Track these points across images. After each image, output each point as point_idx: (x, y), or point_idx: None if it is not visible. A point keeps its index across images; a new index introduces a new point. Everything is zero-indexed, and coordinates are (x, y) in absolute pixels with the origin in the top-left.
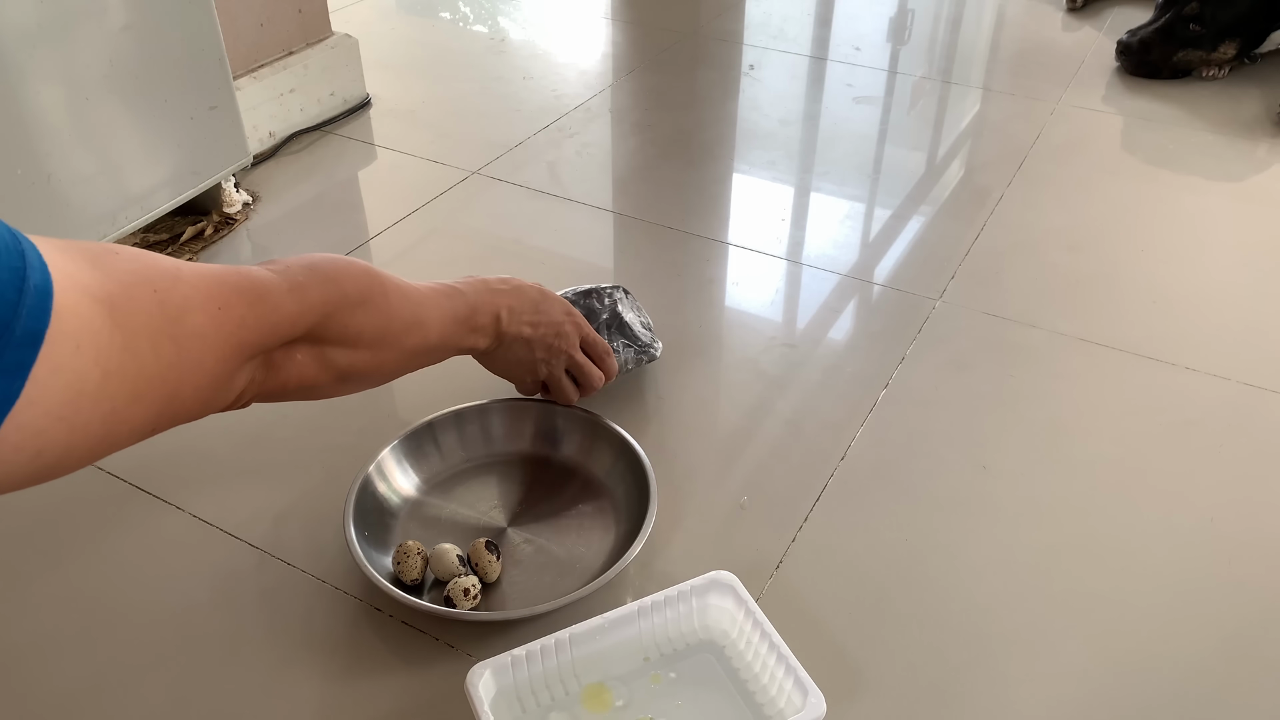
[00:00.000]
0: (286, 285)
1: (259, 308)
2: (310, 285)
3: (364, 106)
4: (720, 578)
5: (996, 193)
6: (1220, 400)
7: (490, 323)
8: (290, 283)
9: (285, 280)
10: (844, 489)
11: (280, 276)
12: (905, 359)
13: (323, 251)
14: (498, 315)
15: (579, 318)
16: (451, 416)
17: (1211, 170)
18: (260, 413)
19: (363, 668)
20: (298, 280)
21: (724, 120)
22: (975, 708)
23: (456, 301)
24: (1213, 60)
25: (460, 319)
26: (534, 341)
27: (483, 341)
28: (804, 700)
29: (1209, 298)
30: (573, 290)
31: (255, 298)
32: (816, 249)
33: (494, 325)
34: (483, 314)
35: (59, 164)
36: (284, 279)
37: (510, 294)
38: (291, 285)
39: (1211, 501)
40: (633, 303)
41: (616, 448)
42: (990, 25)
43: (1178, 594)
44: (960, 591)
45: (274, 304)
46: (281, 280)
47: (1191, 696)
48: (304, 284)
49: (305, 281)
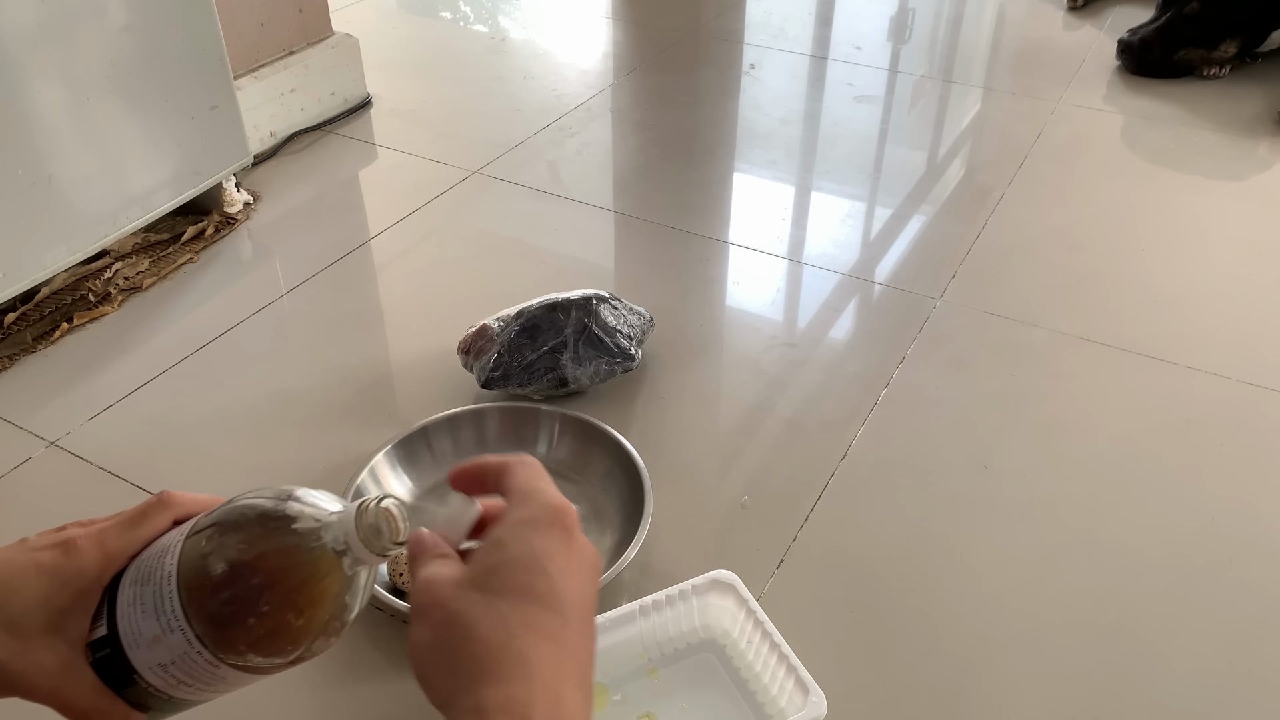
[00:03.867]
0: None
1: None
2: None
3: (365, 106)
4: (721, 577)
5: (997, 192)
6: (1221, 399)
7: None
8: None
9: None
10: (845, 488)
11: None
12: (906, 358)
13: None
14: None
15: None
16: (445, 421)
17: (1212, 169)
18: (261, 413)
19: (363, 667)
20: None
21: (725, 119)
22: (975, 708)
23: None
24: (1213, 59)
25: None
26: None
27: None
28: (805, 699)
29: (1209, 297)
30: (538, 304)
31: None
32: (817, 248)
33: None
34: None
35: (60, 164)
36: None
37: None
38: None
39: (1212, 501)
40: (614, 307)
41: (611, 451)
42: (991, 24)
43: (1178, 594)
44: (960, 591)
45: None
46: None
47: (1191, 696)
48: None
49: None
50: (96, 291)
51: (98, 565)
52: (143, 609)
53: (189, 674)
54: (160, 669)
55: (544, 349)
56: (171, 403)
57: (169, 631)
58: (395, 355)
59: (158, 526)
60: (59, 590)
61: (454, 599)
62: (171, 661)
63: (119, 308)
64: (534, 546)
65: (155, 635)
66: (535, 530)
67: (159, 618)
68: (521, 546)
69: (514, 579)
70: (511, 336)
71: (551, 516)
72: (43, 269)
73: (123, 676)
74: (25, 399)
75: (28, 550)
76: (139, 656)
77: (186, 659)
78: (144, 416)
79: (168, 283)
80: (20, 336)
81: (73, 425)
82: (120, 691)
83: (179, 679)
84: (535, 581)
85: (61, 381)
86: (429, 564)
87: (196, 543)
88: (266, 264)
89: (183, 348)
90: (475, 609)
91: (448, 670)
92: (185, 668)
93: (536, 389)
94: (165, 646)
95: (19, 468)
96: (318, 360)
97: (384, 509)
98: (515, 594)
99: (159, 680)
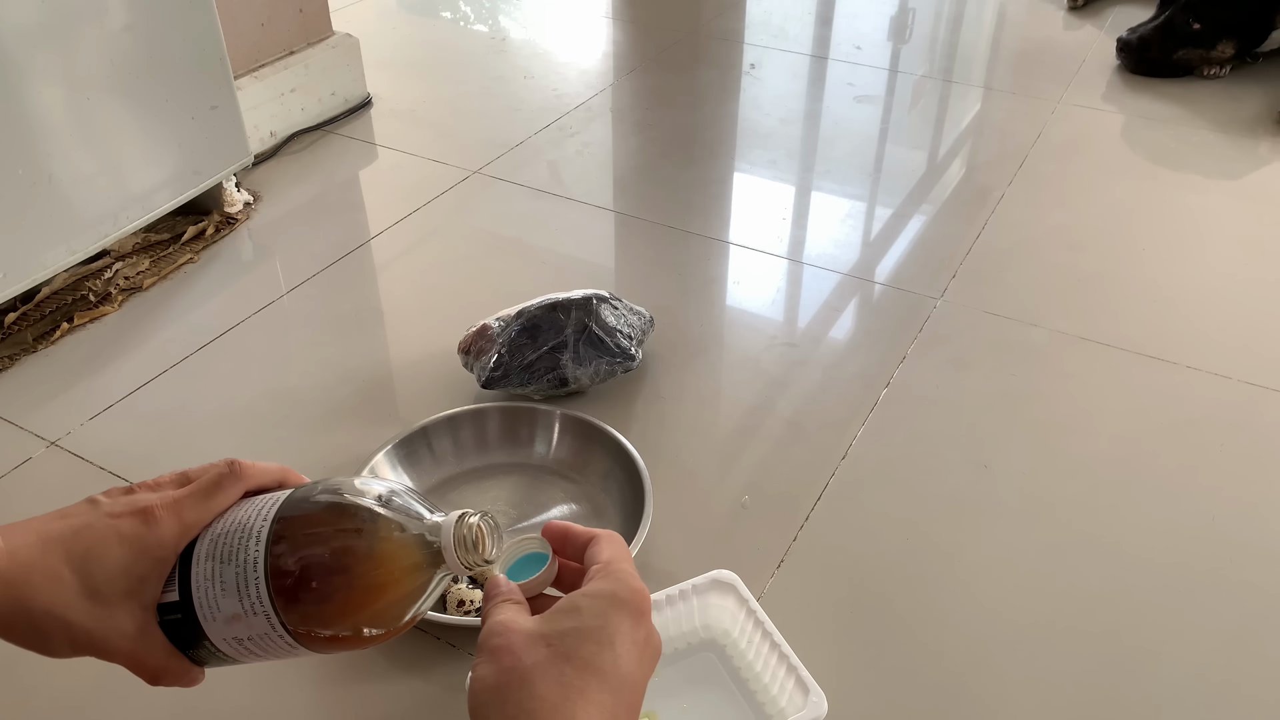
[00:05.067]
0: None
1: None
2: None
3: (365, 106)
4: (721, 577)
5: (997, 192)
6: (1221, 399)
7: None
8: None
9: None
10: (845, 488)
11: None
12: (906, 358)
13: (323, 251)
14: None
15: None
16: (445, 421)
17: (1212, 169)
18: (261, 413)
19: (363, 667)
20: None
21: (725, 119)
22: (975, 707)
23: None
24: (1213, 58)
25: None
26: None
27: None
28: (805, 699)
29: (1209, 297)
30: (538, 304)
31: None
32: (817, 248)
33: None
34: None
35: (60, 164)
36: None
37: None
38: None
39: (1212, 501)
40: (615, 307)
41: (611, 451)
42: (991, 24)
43: (1178, 594)
44: (960, 591)
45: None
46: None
47: (1191, 696)
48: None
49: None
50: (97, 291)
51: (175, 535)
52: (223, 587)
53: (262, 648)
54: (235, 641)
55: (544, 349)
56: (171, 403)
57: (251, 614)
58: (395, 355)
59: (231, 497)
60: (139, 558)
61: (524, 650)
62: (249, 638)
63: (119, 308)
64: (608, 622)
65: (235, 614)
66: (612, 606)
67: (242, 600)
68: (596, 620)
69: (583, 648)
70: (512, 336)
71: (629, 597)
72: (43, 269)
73: (192, 639)
74: (25, 399)
75: (104, 516)
76: (214, 628)
77: (266, 639)
78: (144, 416)
79: (168, 283)
80: (20, 336)
81: (73, 425)
82: (186, 650)
83: (251, 650)
84: (601, 654)
85: (61, 381)
86: (505, 608)
87: (290, 532)
88: (266, 264)
89: (183, 348)
90: (540, 665)
91: (501, 712)
92: (261, 644)
93: (537, 389)
94: (245, 625)
95: (19, 468)
96: (318, 360)
97: (481, 525)
98: (580, 662)
99: (229, 649)
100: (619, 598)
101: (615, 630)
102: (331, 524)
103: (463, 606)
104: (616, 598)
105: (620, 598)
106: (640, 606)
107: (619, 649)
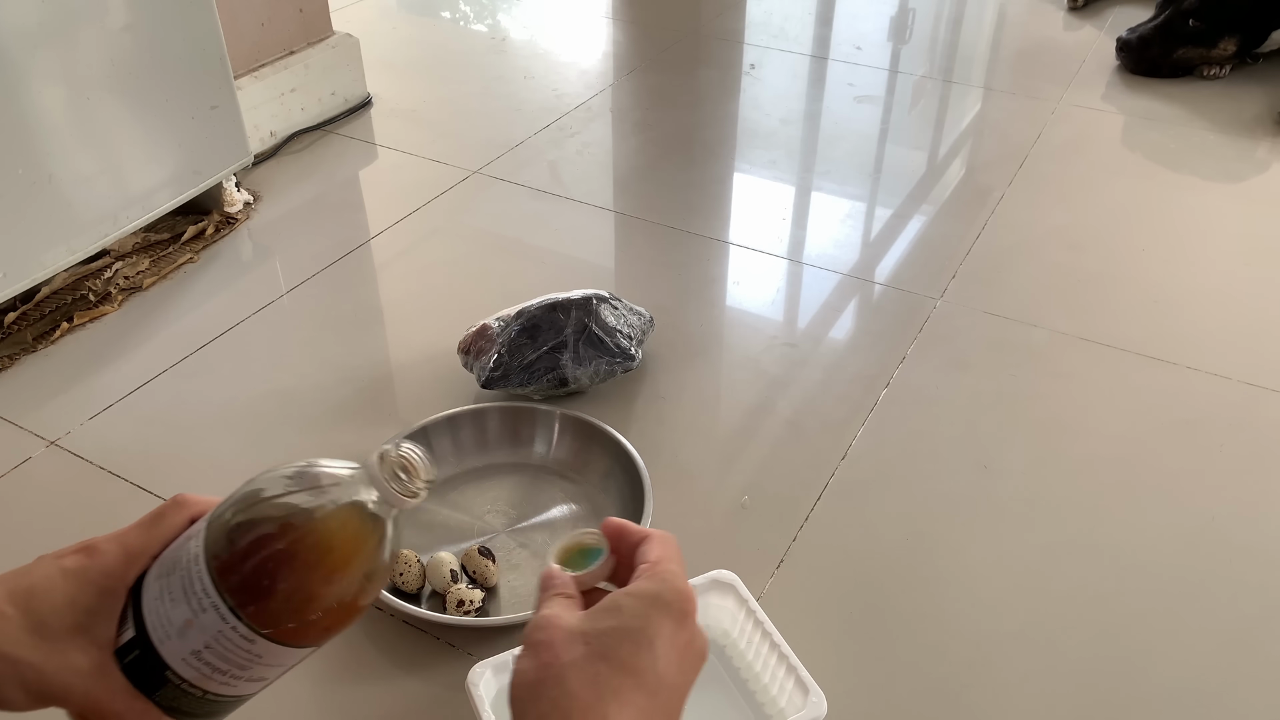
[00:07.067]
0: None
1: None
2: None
3: (365, 106)
4: (721, 577)
5: (997, 192)
6: (1220, 400)
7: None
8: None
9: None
10: (845, 488)
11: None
12: (906, 358)
13: (323, 251)
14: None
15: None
16: (445, 421)
17: (1212, 170)
18: (261, 413)
19: (363, 667)
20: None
21: (725, 119)
22: (975, 707)
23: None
24: (1212, 58)
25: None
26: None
27: None
28: (805, 699)
29: (1209, 297)
30: (538, 304)
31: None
32: (817, 248)
33: None
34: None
35: (60, 164)
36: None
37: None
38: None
39: (1212, 501)
40: (615, 307)
41: (611, 450)
42: (991, 24)
43: (1178, 594)
44: (960, 591)
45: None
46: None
47: (1191, 696)
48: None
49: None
50: (96, 291)
51: (121, 564)
52: (171, 598)
53: (224, 657)
54: (194, 658)
55: (544, 349)
56: (171, 403)
57: (201, 611)
58: (395, 355)
59: (175, 525)
60: (84, 589)
61: (563, 647)
62: (205, 646)
63: (119, 307)
64: (649, 623)
65: (187, 620)
66: (655, 607)
67: (189, 600)
68: (637, 620)
69: (621, 648)
70: (512, 336)
71: (673, 599)
72: (43, 269)
73: (154, 677)
74: (25, 399)
75: (50, 559)
76: (170, 648)
77: (221, 639)
78: (144, 416)
79: (168, 282)
80: (20, 336)
81: (73, 425)
82: (152, 695)
83: (213, 665)
84: (639, 655)
85: (61, 381)
86: (554, 602)
87: (220, 516)
88: (266, 264)
89: (183, 348)
90: (576, 663)
91: (535, 709)
92: (220, 651)
93: (536, 389)
94: (198, 629)
95: (19, 468)
96: (318, 360)
97: (403, 451)
98: (617, 662)
99: (192, 672)
100: (662, 599)
101: (656, 632)
102: (261, 497)
103: (462, 606)
104: (660, 599)
105: (664, 599)
106: (684, 609)
107: (658, 650)
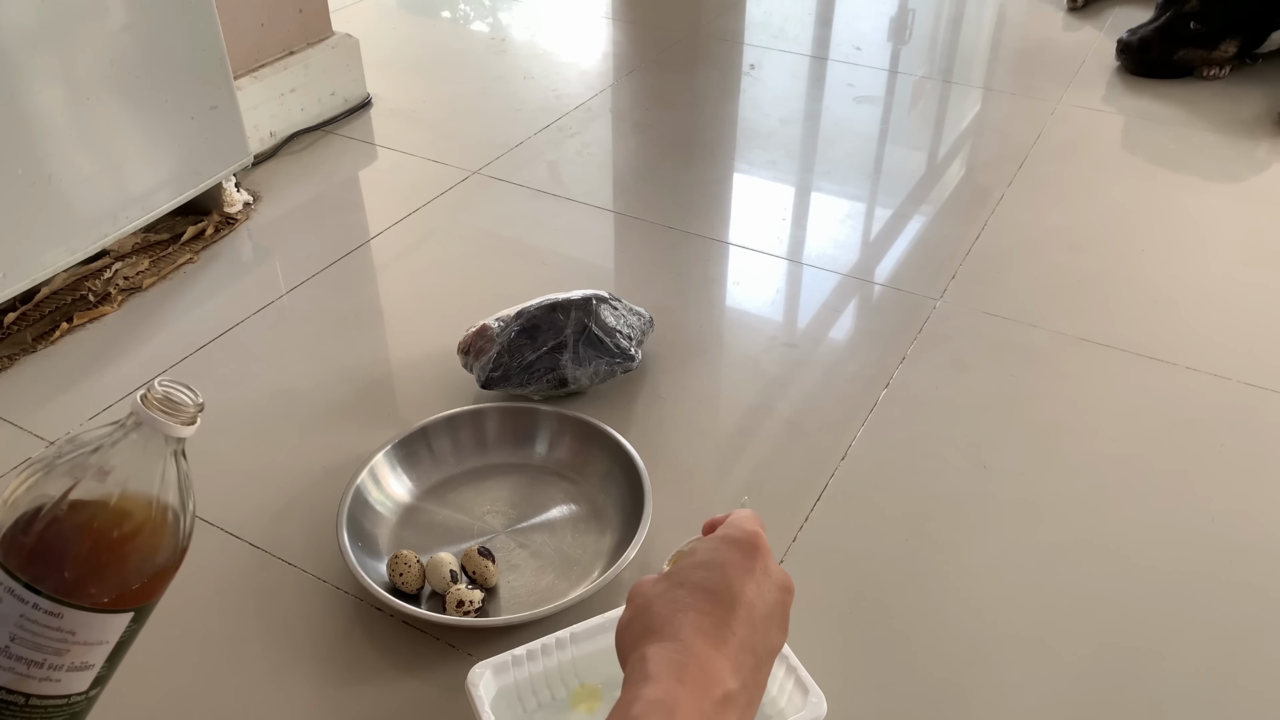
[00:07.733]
0: None
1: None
2: None
3: (365, 106)
4: None
5: (997, 192)
6: (1220, 400)
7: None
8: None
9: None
10: (845, 489)
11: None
12: (906, 359)
13: (324, 251)
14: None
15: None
16: (444, 421)
17: (1212, 170)
18: (261, 413)
19: (363, 667)
20: None
21: (724, 120)
22: (975, 708)
23: None
24: (1213, 59)
25: None
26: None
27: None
28: (804, 700)
29: (1209, 298)
30: (538, 304)
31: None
32: (817, 248)
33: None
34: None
35: (60, 164)
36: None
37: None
38: None
39: (1212, 501)
40: (614, 308)
41: (611, 450)
42: (991, 25)
43: (1178, 594)
44: (960, 591)
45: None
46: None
47: (1191, 696)
48: None
49: None
50: (96, 291)
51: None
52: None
53: (35, 645)
54: (3, 656)
55: (544, 349)
56: None
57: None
58: (395, 355)
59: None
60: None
61: (648, 587)
62: (12, 639)
63: (119, 308)
64: (719, 554)
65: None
66: (724, 543)
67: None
68: (708, 554)
69: (695, 574)
70: (511, 337)
71: (740, 536)
72: (42, 269)
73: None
74: (25, 399)
75: None
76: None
77: (26, 624)
78: None
79: (168, 283)
80: (20, 336)
81: (72, 425)
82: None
83: (27, 660)
84: (711, 577)
85: (61, 381)
86: (645, 578)
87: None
88: (266, 264)
89: (183, 348)
90: (660, 594)
91: (631, 635)
92: (28, 639)
93: (536, 389)
94: (0, 621)
95: (18, 468)
96: (318, 360)
97: (161, 384)
98: (692, 585)
99: (6, 675)
100: (731, 537)
101: (725, 560)
102: (29, 477)
103: (462, 606)
104: (729, 537)
105: (732, 537)
106: (753, 543)
107: (729, 573)
